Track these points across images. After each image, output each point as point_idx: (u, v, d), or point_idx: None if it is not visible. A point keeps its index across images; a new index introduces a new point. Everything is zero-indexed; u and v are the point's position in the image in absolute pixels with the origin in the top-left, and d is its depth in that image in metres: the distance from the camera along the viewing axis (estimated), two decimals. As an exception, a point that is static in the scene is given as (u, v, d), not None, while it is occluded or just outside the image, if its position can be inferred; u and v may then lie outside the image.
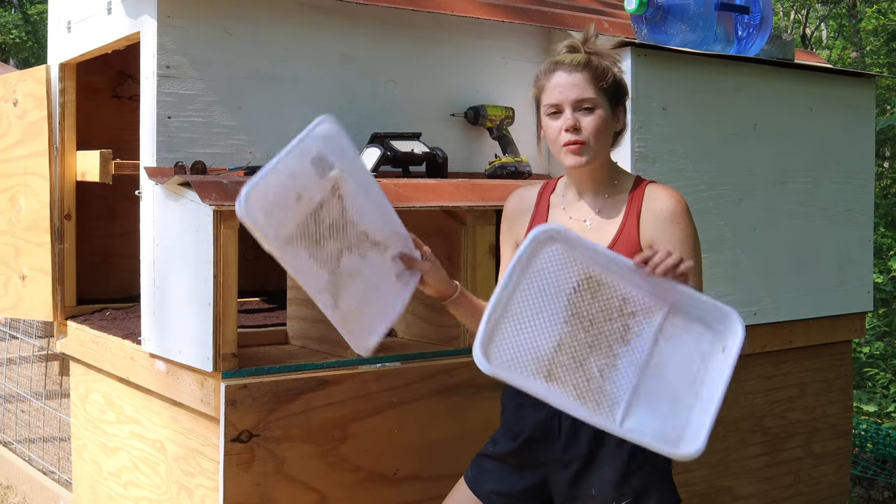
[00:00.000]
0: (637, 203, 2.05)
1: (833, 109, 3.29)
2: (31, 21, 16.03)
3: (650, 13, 2.99)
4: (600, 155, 2.05)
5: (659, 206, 2.04)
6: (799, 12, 14.51)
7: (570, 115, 2.01)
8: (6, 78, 3.39)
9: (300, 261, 1.82)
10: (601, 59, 2.04)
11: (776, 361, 3.24)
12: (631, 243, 2.03)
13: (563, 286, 1.88)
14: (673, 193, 2.07)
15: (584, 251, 1.89)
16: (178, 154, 2.60)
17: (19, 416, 5.14)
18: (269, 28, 2.75)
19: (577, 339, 1.86)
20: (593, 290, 1.89)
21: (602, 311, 1.88)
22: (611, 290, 1.89)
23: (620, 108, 2.07)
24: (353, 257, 1.92)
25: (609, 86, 2.03)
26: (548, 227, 1.90)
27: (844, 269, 3.34)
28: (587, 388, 1.83)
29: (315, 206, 1.85)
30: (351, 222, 1.92)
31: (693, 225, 2.06)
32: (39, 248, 3.21)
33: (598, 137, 2.02)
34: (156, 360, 2.61)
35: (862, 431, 5.15)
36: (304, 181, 1.84)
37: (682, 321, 1.88)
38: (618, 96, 2.06)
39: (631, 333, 1.87)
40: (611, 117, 2.04)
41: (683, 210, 2.04)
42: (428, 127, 2.95)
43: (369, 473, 2.50)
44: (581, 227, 2.08)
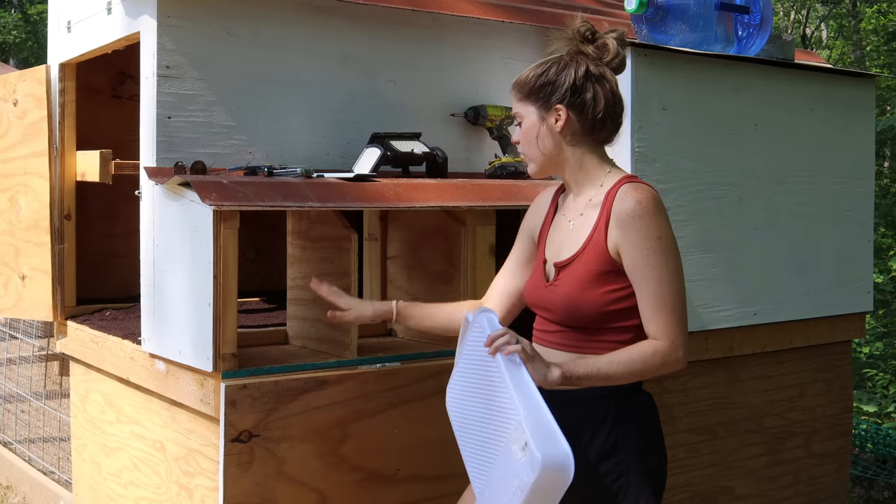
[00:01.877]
0: (608, 206, 2.03)
1: (833, 109, 3.29)
2: (31, 21, 16.04)
3: (650, 13, 2.99)
4: (547, 162, 2.11)
5: (621, 207, 2.00)
6: (799, 12, 14.51)
7: (515, 131, 2.16)
8: (6, 78, 3.39)
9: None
10: (538, 67, 2.10)
11: (776, 361, 3.24)
12: (598, 249, 2.02)
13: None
14: (637, 194, 2.00)
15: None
16: (178, 154, 2.60)
17: (19, 416, 5.14)
18: (269, 28, 2.74)
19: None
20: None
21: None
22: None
23: (554, 106, 2.06)
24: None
25: (530, 93, 2.09)
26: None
27: (844, 269, 3.34)
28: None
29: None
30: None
31: (659, 226, 1.99)
32: (39, 248, 3.21)
33: (529, 145, 2.11)
34: (156, 361, 2.61)
35: (862, 431, 5.15)
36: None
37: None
38: (543, 97, 2.07)
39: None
40: (537, 121, 2.08)
41: (644, 211, 1.98)
42: (428, 127, 2.95)
43: (369, 473, 2.50)
44: (566, 227, 2.11)
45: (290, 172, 2.55)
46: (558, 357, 2.04)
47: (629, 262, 1.99)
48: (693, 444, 3.00)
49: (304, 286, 2.67)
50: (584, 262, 2.03)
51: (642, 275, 1.98)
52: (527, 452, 1.74)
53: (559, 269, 2.07)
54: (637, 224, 1.98)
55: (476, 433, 1.96)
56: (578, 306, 2.02)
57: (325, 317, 2.35)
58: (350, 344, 2.50)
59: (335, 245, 2.54)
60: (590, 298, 2.01)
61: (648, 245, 1.97)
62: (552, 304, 2.07)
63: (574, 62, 2.08)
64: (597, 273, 2.01)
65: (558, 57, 2.11)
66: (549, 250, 2.14)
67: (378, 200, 2.50)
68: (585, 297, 2.01)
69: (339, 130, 2.85)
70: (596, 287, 2.01)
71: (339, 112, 2.85)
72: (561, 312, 2.05)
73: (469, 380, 2.01)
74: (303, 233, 2.67)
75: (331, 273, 2.55)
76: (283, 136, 2.77)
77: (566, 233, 2.10)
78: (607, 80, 2.08)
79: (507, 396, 1.83)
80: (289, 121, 2.77)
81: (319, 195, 2.41)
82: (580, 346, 2.05)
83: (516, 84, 2.13)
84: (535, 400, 1.81)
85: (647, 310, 1.98)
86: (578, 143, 2.08)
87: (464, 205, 2.63)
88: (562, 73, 2.06)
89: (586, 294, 2.01)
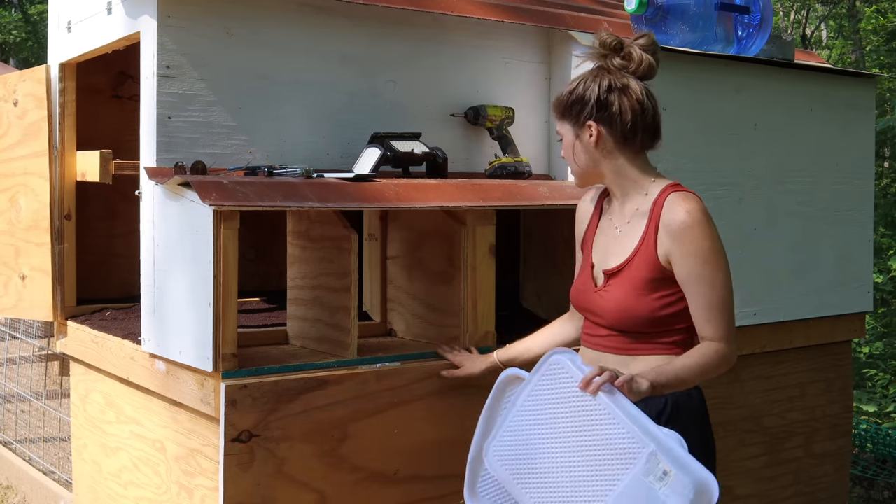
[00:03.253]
0: (656, 215, 2.10)
1: (833, 109, 3.29)
2: (31, 21, 16.04)
3: (650, 13, 2.99)
4: (588, 175, 2.21)
5: (671, 218, 2.08)
6: (799, 12, 14.51)
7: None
8: (6, 78, 3.39)
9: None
10: (569, 85, 2.18)
11: (776, 361, 3.24)
12: (649, 257, 2.10)
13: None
14: (686, 204, 2.08)
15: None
16: (178, 154, 2.60)
17: (19, 416, 5.14)
18: (269, 28, 2.75)
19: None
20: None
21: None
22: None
23: (586, 123, 2.14)
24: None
25: (564, 111, 2.18)
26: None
27: (844, 269, 3.35)
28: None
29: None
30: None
31: (709, 235, 2.07)
32: (39, 249, 3.21)
33: (570, 161, 2.21)
34: (156, 361, 2.61)
35: (862, 431, 5.15)
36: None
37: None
38: (575, 115, 2.16)
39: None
40: (573, 139, 2.18)
41: (694, 222, 2.06)
42: (428, 127, 2.95)
43: (369, 473, 2.50)
44: (613, 233, 2.20)
45: (290, 172, 2.55)
46: (611, 361, 2.12)
47: (682, 270, 2.07)
48: (693, 444, 3.00)
49: (303, 286, 2.67)
50: (636, 270, 2.11)
51: (696, 282, 2.06)
52: (669, 481, 1.77)
53: (608, 276, 2.15)
54: (688, 235, 2.06)
55: (564, 483, 1.92)
56: (631, 312, 2.10)
57: (329, 319, 2.36)
58: (350, 344, 2.50)
59: (335, 245, 2.54)
60: (642, 305, 2.09)
61: (701, 254, 2.05)
62: (602, 310, 2.16)
63: (598, 77, 2.15)
64: (647, 280, 2.09)
65: (586, 73, 2.18)
66: (596, 255, 2.23)
67: (378, 200, 2.50)
68: (638, 304, 2.09)
69: (339, 130, 2.85)
70: (647, 294, 2.09)
71: (339, 112, 2.85)
72: (612, 318, 2.13)
73: (549, 428, 1.97)
74: (303, 233, 2.67)
75: (331, 273, 2.55)
76: (283, 136, 2.77)
77: (614, 239, 2.19)
78: (632, 89, 2.13)
79: (621, 432, 1.84)
80: (289, 121, 2.77)
81: (319, 195, 2.41)
82: (631, 349, 2.13)
83: (554, 103, 2.22)
84: (656, 432, 1.84)
85: (702, 314, 2.07)
86: (615, 155, 2.16)
87: (464, 205, 2.63)
88: (587, 90, 2.14)
89: (639, 301, 2.09)
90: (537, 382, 2.01)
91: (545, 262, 3.12)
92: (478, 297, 2.67)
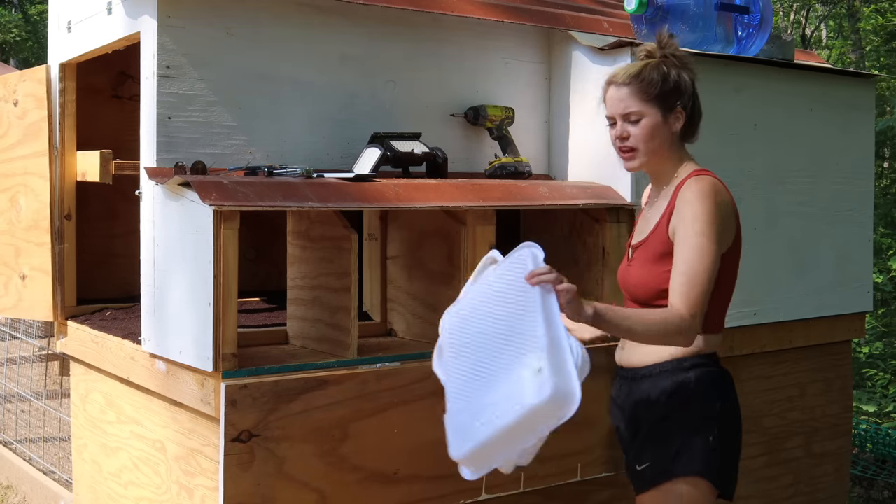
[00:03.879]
0: (675, 196, 2.21)
1: (833, 109, 3.29)
2: (32, 21, 16.05)
3: (650, 13, 2.99)
4: (652, 156, 2.26)
5: (682, 197, 2.18)
6: (799, 13, 14.51)
7: (620, 127, 2.26)
8: (6, 78, 3.39)
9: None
10: (654, 69, 2.23)
11: (776, 361, 3.24)
12: (661, 234, 2.22)
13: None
14: (696, 185, 2.18)
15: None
16: (179, 154, 2.60)
17: (19, 416, 5.14)
18: (269, 28, 2.75)
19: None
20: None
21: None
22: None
23: (675, 110, 2.24)
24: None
25: (657, 93, 2.22)
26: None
27: (844, 269, 3.35)
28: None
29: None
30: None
31: (704, 204, 2.13)
32: (39, 248, 3.21)
33: (646, 143, 2.24)
34: (156, 360, 2.61)
35: (861, 431, 5.15)
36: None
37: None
38: (670, 100, 2.23)
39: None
40: (661, 122, 2.24)
41: (694, 197, 2.14)
42: (428, 127, 2.95)
43: (369, 473, 2.50)
44: (646, 214, 2.34)
45: (290, 172, 2.55)
46: (628, 349, 2.30)
47: (676, 239, 2.16)
48: (693, 444, 2.99)
49: (304, 286, 2.68)
50: (652, 245, 2.24)
51: (680, 249, 2.14)
52: (539, 378, 1.85)
53: (634, 249, 2.31)
54: (688, 208, 2.15)
55: (477, 353, 2.04)
56: (645, 282, 2.23)
57: (329, 319, 2.37)
58: (350, 344, 2.50)
59: (335, 245, 2.54)
60: (653, 275, 2.20)
61: (695, 227, 2.13)
62: (628, 284, 2.30)
63: (686, 70, 2.26)
64: (660, 253, 2.20)
65: (664, 61, 2.25)
66: (634, 236, 2.36)
67: (378, 200, 2.50)
68: (650, 274, 2.21)
69: (339, 130, 2.85)
70: (658, 266, 2.19)
71: (339, 112, 2.85)
72: (634, 290, 2.27)
73: (489, 304, 2.08)
74: (303, 233, 2.67)
75: (331, 273, 2.55)
76: (283, 136, 2.77)
77: (645, 220, 2.34)
78: (696, 89, 2.30)
79: (533, 325, 1.92)
80: (289, 121, 2.77)
81: (319, 195, 2.41)
82: None
83: (637, 84, 2.22)
84: (561, 338, 1.91)
85: (677, 283, 2.12)
86: (678, 142, 2.29)
87: (464, 205, 2.63)
88: (682, 80, 2.25)
89: (650, 271, 2.21)
90: (503, 267, 2.11)
91: (545, 262, 3.11)
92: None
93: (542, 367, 1.85)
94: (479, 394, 1.98)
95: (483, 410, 1.93)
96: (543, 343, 1.88)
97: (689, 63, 2.28)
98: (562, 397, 1.83)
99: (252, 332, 2.71)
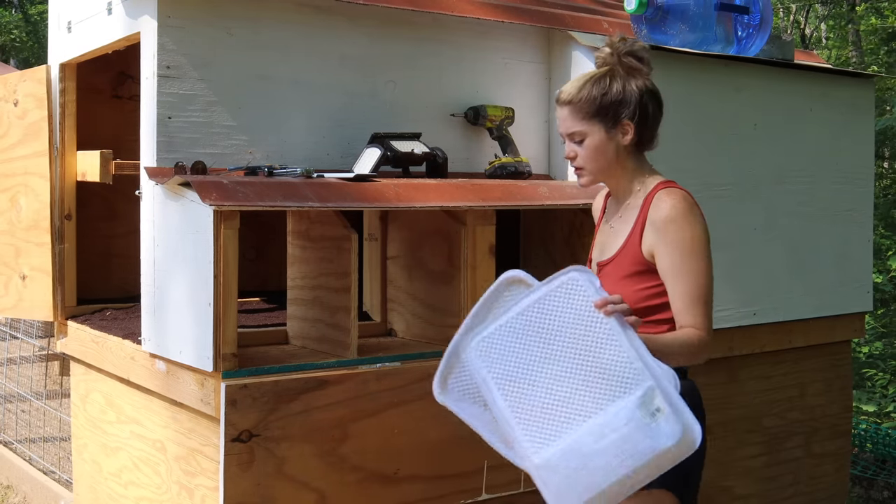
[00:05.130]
0: (644, 211, 2.13)
1: (833, 109, 3.29)
2: (32, 21, 16.04)
3: (650, 13, 2.99)
4: (604, 173, 2.18)
5: (656, 214, 2.11)
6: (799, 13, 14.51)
7: (567, 146, 2.20)
8: (6, 78, 3.39)
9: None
10: (595, 84, 2.14)
11: (776, 361, 3.24)
12: (633, 252, 2.13)
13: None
14: (671, 199, 2.10)
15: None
16: (179, 154, 2.60)
17: (20, 416, 5.14)
18: (269, 28, 2.75)
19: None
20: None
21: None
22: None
23: (621, 123, 2.14)
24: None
25: (597, 109, 2.13)
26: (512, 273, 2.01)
27: (844, 269, 3.35)
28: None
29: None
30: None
31: (692, 227, 2.08)
32: (40, 248, 3.21)
33: (593, 162, 2.17)
34: (156, 360, 2.61)
35: (861, 431, 5.15)
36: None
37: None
38: (613, 115, 2.14)
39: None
40: (605, 139, 2.15)
41: (678, 214, 2.08)
42: (428, 127, 2.95)
43: (369, 473, 2.50)
44: (608, 229, 2.24)
45: (290, 172, 2.55)
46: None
47: (664, 261, 2.09)
48: (693, 444, 3.00)
49: (303, 286, 2.68)
50: (622, 262, 2.15)
51: (678, 272, 2.07)
52: (659, 419, 1.78)
53: (601, 267, 2.21)
54: (671, 227, 2.08)
55: (550, 388, 1.89)
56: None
57: (329, 319, 2.36)
58: (350, 344, 2.50)
59: (335, 245, 2.54)
60: (626, 294, 2.08)
61: (683, 246, 2.07)
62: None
63: (634, 77, 2.16)
64: (632, 272, 2.13)
65: (610, 71, 2.17)
66: (595, 251, 2.28)
67: (378, 200, 2.51)
68: (622, 293, 2.07)
69: (339, 130, 2.85)
70: (632, 284, 2.12)
71: (339, 112, 2.86)
72: None
73: (548, 334, 1.93)
74: (303, 233, 2.67)
75: (331, 273, 2.55)
76: (283, 136, 2.77)
77: (608, 235, 2.24)
78: (656, 92, 2.19)
79: (621, 357, 1.83)
80: (289, 121, 2.77)
81: (319, 195, 2.41)
82: None
83: (577, 103, 2.15)
84: (656, 369, 1.84)
85: (683, 305, 2.08)
86: (633, 154, 2.20)
87: (464, 205, 2.63)
88: (626, 91, 2.15)
89: (623, 290, 2.10)
90: (548, 293, 1.95)
91: (545, 262, 3.12)
92: (478, 297, 2.66)
93: (661, 407, 1.79)
94: (570, 436, 1.85)
95: (594, 456, 1.82)
96: (650, 380, 1.81)
97: (643, 67, 2.17)
98: (689, 433, 1.78)
99: (252, 332, 2.71)
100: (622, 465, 1.79)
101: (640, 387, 1.81)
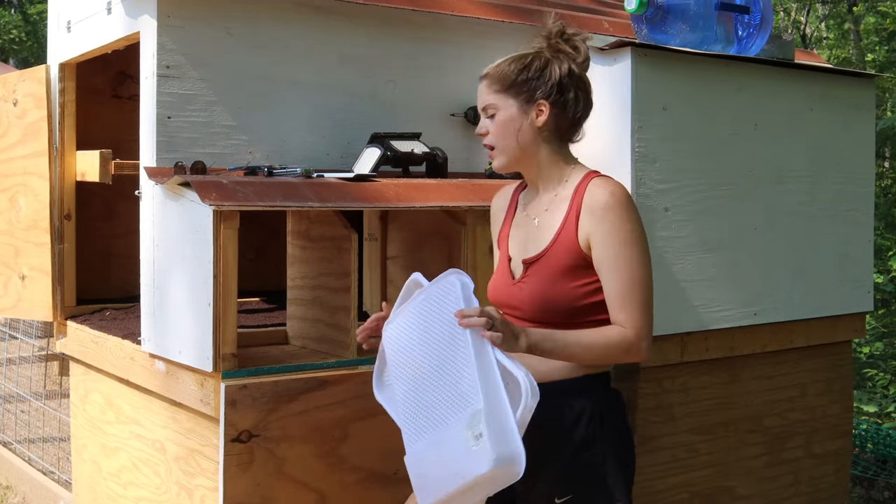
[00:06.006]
0: (578, 200, 2.03)
1: (833, 109, 3.29)
2: (31, 21, 16.05)
3: (650, 13, 2.98)
4: (516, 155, 2.08)
5: (592, 201, 2.01)
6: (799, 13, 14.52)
7: (480, 122, 2.12)
8: (6, 78, 3.39)
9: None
10: (515, 61, 2.08)
11: (776, 361, 3.24)
12: (569, 242, 2.02)
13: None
14: (608, 187, 2.02)
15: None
16: (178, 154, 2.60)
17: (19, 417, 5.14)
18: (269, 28, 2.74)
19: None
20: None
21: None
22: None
23: (536, 102, 2.06)
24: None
25: (511, 83, 2.06)
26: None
27: (845, 269, 3.34)
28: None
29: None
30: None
31: (630, 219, 2.00)
32: (39, 248, 3.21)
33: (502, 139, 2.07)
34: (156, 361, 2.61)
35: (862, 431, 5.15)
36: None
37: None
38: (527, 91, 2.06)
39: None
40: (516, 115, 2.06)
41: (616, 203, 1.99)
42: (428, 127, 2.95)
43: (369, 473, 2.50)
44: (531, 224, 2.12)
45: (290, 172, 2.55)
46: (534, 357, 1.97)
47: (600, 252, 1.99)
48: (693, 444, 3.00)
49: (304, 286, 2.67)
50: (554, 257, 2.03)
51: (612, 264, 1.98)
52: (480, 444, 1.76)
53: (528, 265, 2.08)
54: (610, 214, 1.99)
55: (418, 385, 1.93)
56: (551, 301, 2.02)
57: (329, 319, 2.36)
58: (350, 344, 2.50)
59: (335, 245, 2.54)
60: (562, 293, 2.01)
61: (621, 236, 1.98)
62: (520, 302, 2.07)
63: (558, 60, 2.08)
64: (568, 267, 2.02)
65: (538, 52, 2.10)
66: (514, 248, 2.15)
67: (378, 200, 2.50)
68: (558, 292, 2.02)
69: (339, 130, 2.85)
70: (568, 281, 2.02)
71: (339, 112, 2.85)
72: (531, 309, 2.05)
73: (419, 333, 1.95)
74: (303, 233, 2.67)
75: (331, 273, 2.55)
76: (283, 136, 2.77)
77: (532, 230, 2.11)
78: (585, 82, 2.11)
79: (468, 377, 1.81)
80: (289, 121, 2.77)
81: (319, 195, 2.41)
82: None
83: (493, 76, 2.09)
84: (499, 387, 1.80)
85: (617, 299, 1.98)
86: (551, 141, 2.10)
87: (464, 205, 2.62)
88: (546, 70, 2.07)
89: (557, 288, 2.02)
90: (430, 293, 1.96)
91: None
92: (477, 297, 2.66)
93: (483, 433, 1.76)
94: (425, 440, 1.92)
95: (431, 467, 1.88)
96: (480, 402, 1.78)
97: (574, 54, 2.09)
98: (507, 462, 1.75)
99: (252, 332, 2.71)
100: (450, 481, 1.82)
101: (472, 407, 1.79)
